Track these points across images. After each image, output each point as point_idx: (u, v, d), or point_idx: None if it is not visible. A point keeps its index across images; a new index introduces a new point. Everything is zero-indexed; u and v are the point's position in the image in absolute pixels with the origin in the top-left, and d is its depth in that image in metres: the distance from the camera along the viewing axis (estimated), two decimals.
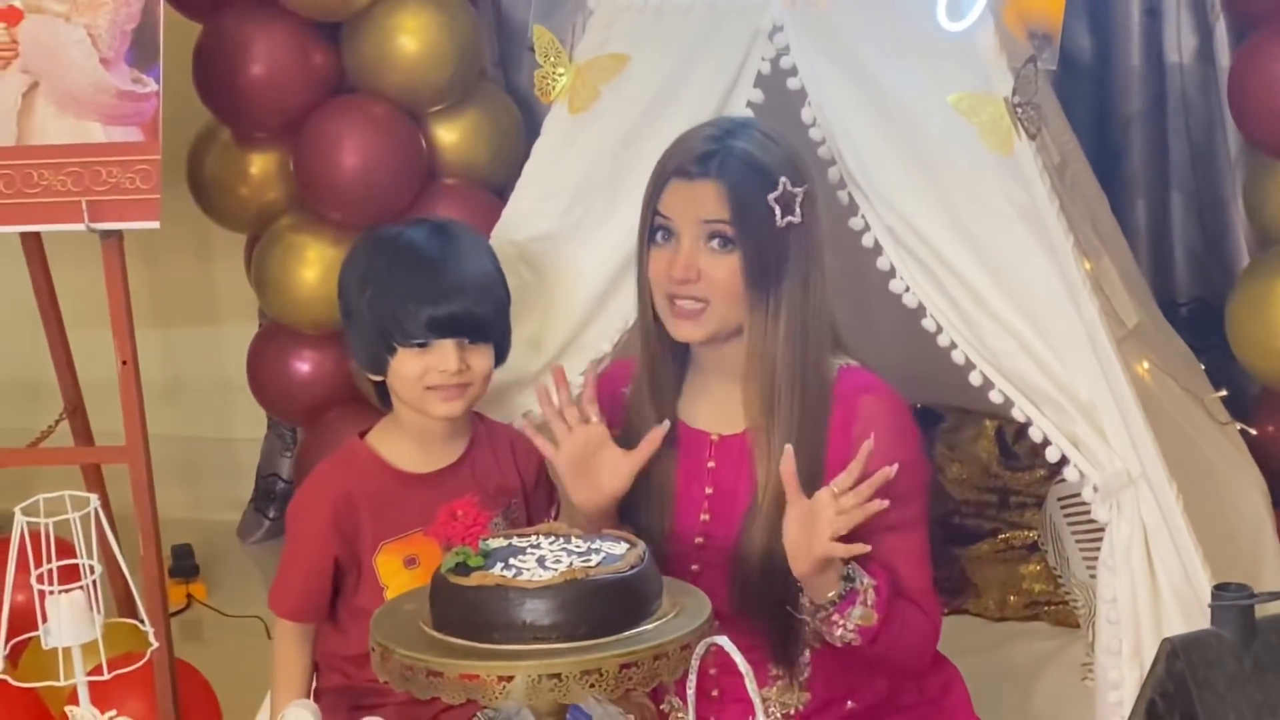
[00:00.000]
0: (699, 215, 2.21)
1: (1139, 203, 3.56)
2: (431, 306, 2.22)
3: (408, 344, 2.23)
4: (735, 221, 2.19)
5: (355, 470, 2.30)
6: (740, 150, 2.22)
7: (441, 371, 2.23)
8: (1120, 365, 2.31)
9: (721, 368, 2.28)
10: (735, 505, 2.26)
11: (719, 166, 2.20)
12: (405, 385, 2.25)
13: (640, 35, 2.52)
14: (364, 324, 2.26)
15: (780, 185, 2.19)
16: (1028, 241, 2.33)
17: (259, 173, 3.54)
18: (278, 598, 2.32)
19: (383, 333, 2.23)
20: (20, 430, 3.37)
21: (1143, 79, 3.50)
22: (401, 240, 2.28)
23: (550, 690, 1.77)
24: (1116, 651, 2.30)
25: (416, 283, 2.23)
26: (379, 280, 2.25)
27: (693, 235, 2.21)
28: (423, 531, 2.26)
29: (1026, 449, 3.17)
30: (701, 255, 2.21)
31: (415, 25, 3.41)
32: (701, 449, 2.30)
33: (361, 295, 2.26)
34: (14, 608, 2.02)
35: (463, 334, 2.24)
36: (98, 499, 1.98)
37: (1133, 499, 2.29)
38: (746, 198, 2.19)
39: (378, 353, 2.25)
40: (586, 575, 1.83)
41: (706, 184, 2.20)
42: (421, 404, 2.25)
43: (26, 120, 2.67)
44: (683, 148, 2.26)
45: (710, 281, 2.21)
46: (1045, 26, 2.30)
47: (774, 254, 2.20)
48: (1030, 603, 3.16)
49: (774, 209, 2.19)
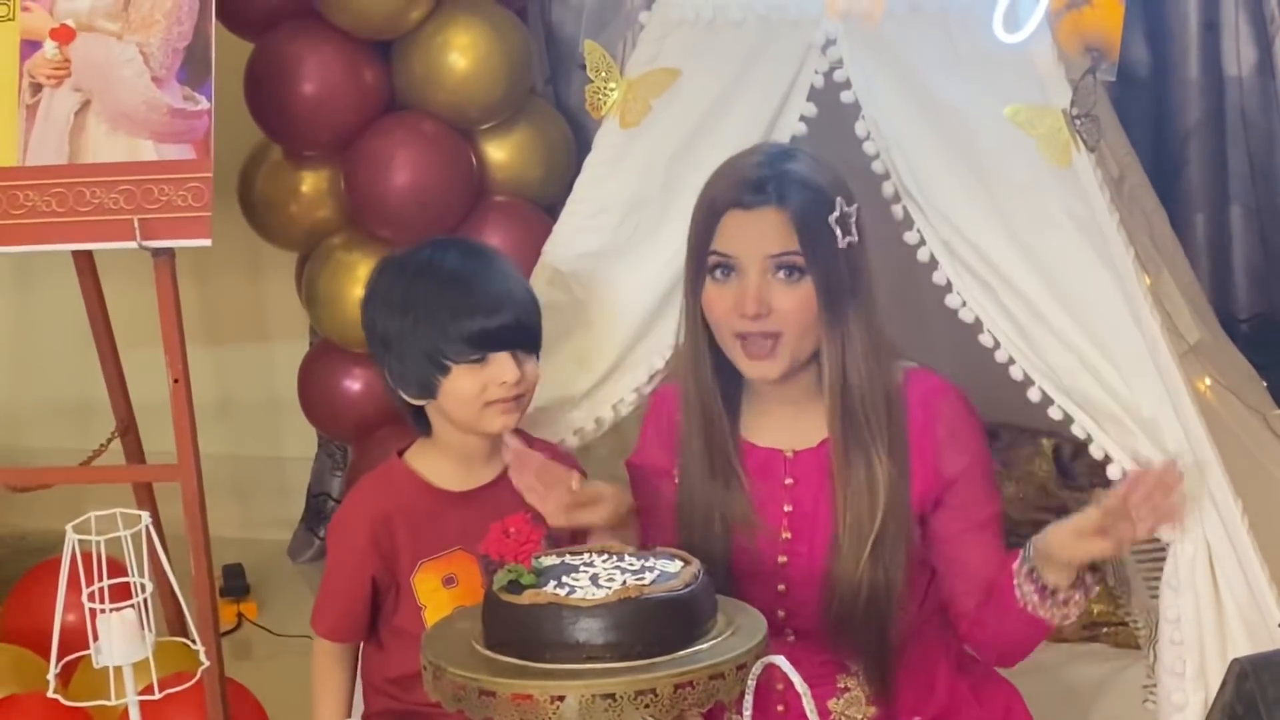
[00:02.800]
0: (764, 249, 2.16)
1: (1198, 217, 3.51)
2: (484, 319, 2.21)
3: (464, 360, 2.21)
4: (805, 248, 2.15)
5: (394, 489, 2.29)
6: (796, 174, 2.18)
7: (501, 384, 2.22)
8: (1183, 381, 2.27)
9: (785, 395, 2.24)
10: (817, 522, 2.23)
11: (778, 193, 2.16)
12: (462, 404, 2.23)
13: (692, 49, 2.51)
14: (410, 349, 2.24)
15: (837, 206, 2.16)
16: (1087, 255, 2.30)
17: (310, 191, 3.54)
18: (319, 616, 2.32)
19: (434, 354, 2.22)
20: (72, 451, 3.38)
21: (1201, 92, 3.46)
22: (434, 262, 2.27)
23: (604, 711, 1.75)
24: (1180, 673, 2.25)
25: (464, 299, 2.22)
26: (423, 302, 2.23)
27: (759, 269, 2.16)
28: (462, 549, 2.25)
29: (1085, 468, 3.12)
30: (771, 288, 2.16)
31: (465, 43, 3.41)
32: (776, 467, 2.26)
33: (404, 321, 2.24)
34: (64, 627, 2.01)
35: (516, 345, 2.23)
36: (149, 516, 1.98)
37: (1196, 517, 2.25)
38: (812, 223, 2.15)
39: (428, 376, 2.23)
40: (641, 594, 1.81)
41: (768, 212, 2.16)
42: (479, 421, 2.24)
43: (79, 138, 2.67)
44: (733, 177, 2.21)
45: (781, 314, 2.16)
46: (1103, 43, 2.27)
47: (841, 275, 2.17)
48: (1089, 624, 3.12)
49: (835, 231, 2.16)
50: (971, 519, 2.16)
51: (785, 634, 2.22)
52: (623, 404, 2.55)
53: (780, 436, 2.27)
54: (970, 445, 2.22)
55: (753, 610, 1.94)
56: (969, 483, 2.21)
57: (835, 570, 2.19)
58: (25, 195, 2.66)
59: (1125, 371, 2.29)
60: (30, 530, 3.92)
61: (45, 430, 4.21)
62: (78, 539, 1.96)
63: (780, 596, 2.20)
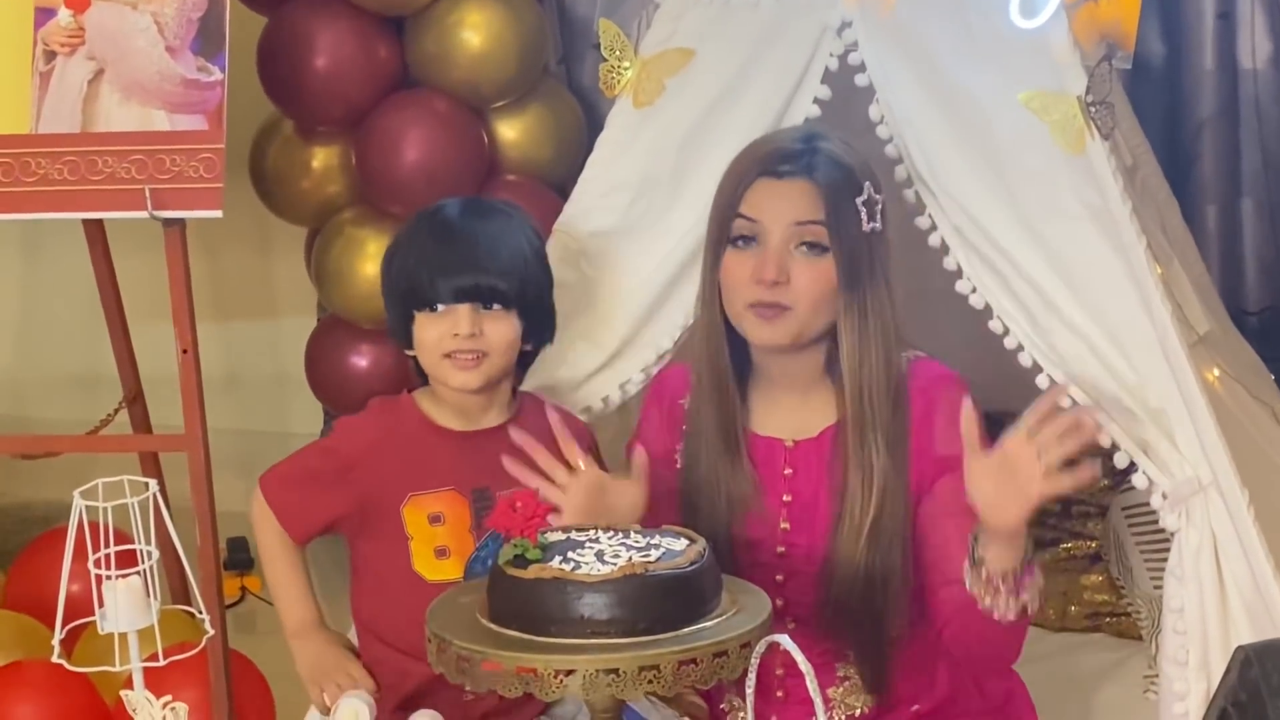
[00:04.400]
0: (791, 217, 2.16)
1: (1210, 209, 3.51)
2: (448, 275, 2.25)
3: (423, 309, 2.26)
4: (830, 222, 2.15)
5: (397, 418, 2.34)
6: (829, 151, 2.19)
7: (455, 335, 2.25)
8: (1192, 371, 2.26)
9: (792, 376, 2.24)
10: (816, 512, 2.23)
11: (810, 165, 2.17)
12: (425, 353, 2.29)
13: (707, 29, 2.50)
14: (390, 292, 2.32)
15: (865, 190, 2.17)
16: (1099, 243, 2.29)
17: (321, 166, 3.54)
18: (273, 476, 2.34)
19: (404, 298, 2.29)
20: (79, 422, 3.38)
21: (1215, 84, 3.45)
22: (437, 214, 2.32)
23: (607, 686, 1.75)
24: (1183, 662, 2.25)
25: (438, 251, 2.27)
26: (406, 248, 2.31)
27: (782, 237, 2.17)
28: (454, 489, 2.29)
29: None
30: (791, 259, 2.16)
31: (479, 20, 3.41)
32: (776, 456, 2.25)
33: (390, 265, 2.32)
34: (69, 596, 2.01)
35: (479, 299, 2.26)
36: (156, 484, 1.97)
37: (1202, 507, 2.24)
38: (840, 199, 2.16)
39: (401, 321, 2.30)
40: (646, 570, 1.81)
41: (799, 183, 2.17)
42: (439, 373, 2.28)
43: (91, 107, 2.67)
44: (767, 148, 2.22)
45: (797, 288, 2.16)
46: (1119, 34, 2.27)
47: (862, 258, 2.17)
48: (1091, 613, 3.12)
49: (861, 212, 2.16)
50: (956, 504, 2.11)
51: (785, 622, 2.21)
52: (630, 384, 2.55)
53: (782, 426, 2.26)
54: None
55: (757, 590, 1.93)
56: (959, 470, 2.15)
57: (834, 556, 2.18)
58: (37, 163, 2.65)
59: (1134, 360, 2.28)
60: (35, 501, 3.93)
61: (52, 401, 4.21)
62: (85, 505, 1.96)
63: (779, 586, 2.20)
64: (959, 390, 2.20)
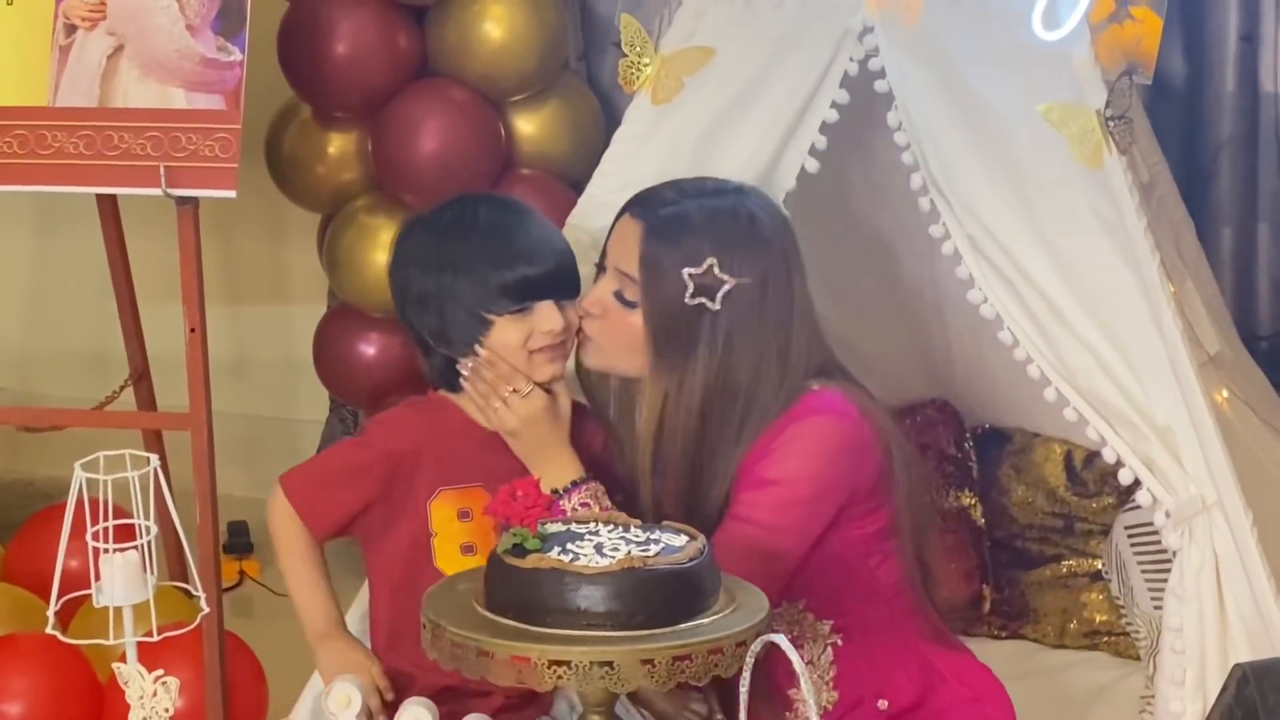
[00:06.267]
0: (618, 263, 2.24)
1: (1225, 231, 3.49)
2: (526, 268, 2.23)
3: (507, 312, 2.23)
4: (641, 277, 2.19)
5: (437, 414, 2.31)
6: (688, 213, 2.22)
7: (547, 332, 2.24)
8: (1200, 390, 2.26)
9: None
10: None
11: (651, 217, 2.22)
12: (508, 355, 2.24)
13: (728, 29, 2.50)
14: (450, 306, 2.24)
15: (705, 264, 2.17)
16: (1112, 257, 2.29)
17: (337, 152, 3.53)
18: (297, 474, 2.33)
19: (476, 308, 2.23)
20: (85, 400, 3.38)
21: (1236, 106, 3.43)
22: (466, 217, 2.29)
23: (601, 678, 1.75)
24: (1180, 682, 2.25)
25: (504, 250, 2.24)
26: (461, 258, 2.24)
27: (609, 280, 2.25)
28: (483, 487, 2.25)
29: (1095, 476, 3.11)
30: (609, 300, 2.24)
31: (501, 13, 3.40)
32: None
33: (441, 278, 2.25)
34: (67, 572, 2.01)
35: (558, 293, 2.26)
36: (158, 459, 1.97)
37: (1205, 526, 2.24)
38: (657, 260, 2.19)
39: (470, 331, 2.24)
40: (644, 564, 1.81)
41: (634, 227, 2.22)
42: (529, 370, 2.25)
43: (110, 83, 2.67)
44: (661, 188, 2.29)
45: (607, 326, 2.24)
46: (1141, 56, 2.27)
47: (675, 327, 2.19)
48: (1090, 632, 3.11)
49: (686, 283, 2.17)
50: (736, 509, 2.17)
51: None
52: None
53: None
54: (791, 466, 2.19)
55: (756, 590, 1.93)
56: (761, 486, 2.19)
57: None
58: (53, 136, 2.65)
59: (1143, 377, 2.28)
60: (38, 477, 3.93)
61: (59, 378, 4.21)
62: (85, 477, 1.96)
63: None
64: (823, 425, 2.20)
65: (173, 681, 1.91)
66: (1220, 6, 3.41)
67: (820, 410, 2.22)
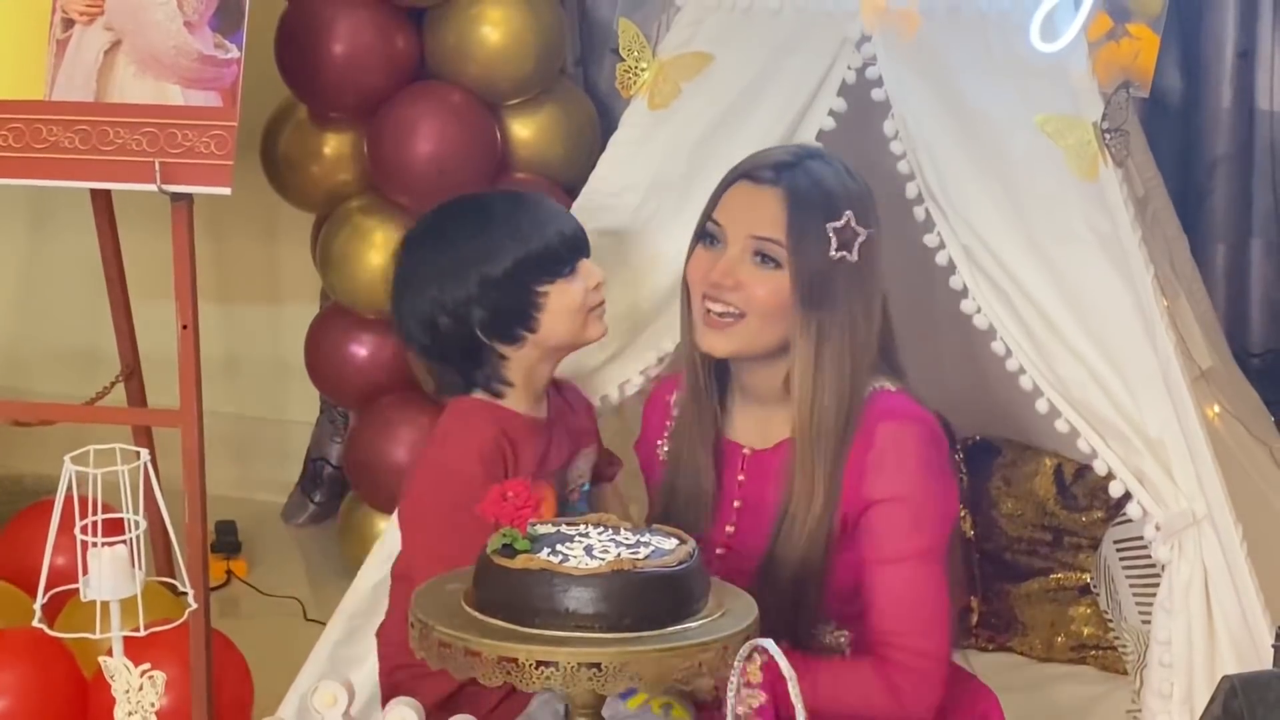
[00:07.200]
0: (750, 229, 2.18)
1: (1219, 247, 3.50)
2: (560, 228, 2.25)
3: (559, 275, 2.24)
4: (791, 238, 2.16)
5: (495, 415, 2.25)
6: (815, 172, 2.19)
7: (595, 287, 2.26)
8: (1192, 404, 2.26)
9: (755, 386, 2.25)
10: (760, 519, 2.23)
11: (789, 179, 2.18)
12: (569, 318, 2.24)
13: (726, 35, 2.50)
14: (498, 296, 2.22)
15: (845, 218, 2.16)
16: (1106, 270, 2.29)
17: (332, 153, 3.53)
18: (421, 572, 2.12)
19: (529, 284, 2.22)
20: (76, 398, 3.37)
21: (1231, 123, 3.44)
22: (476, 215, 2.27)
23: (588, 680, 1.74)
24: (1167, 695, 2.25)
25: (534, 222, 2.25)
26: (495, 247, 2.22)
27: (741, 246, 2.18)
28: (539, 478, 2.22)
29: (1085, 490, 3.12)
30: (742, 266, 2.18)
31: (499, 16, 3.40)
32: (734, 462, 2.27)
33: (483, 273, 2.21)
34: (55, 568, 2.00)
35: (586, 249, 2.29)
36: (148, 454, 1.97)
37: (1195, 540, 2.24)
38: (807, 218, 2.16)
39: (525, 310, 2.22)
40: (634, 567, 1.80)
41: (771, 192, 2.18)
42: (584, 331, 2.27)
43: (106, 78, 2.66)
44: (760, 156, 2.24)
45: (749, 295, 2.17)
46: (1138, 73, 2.27)
47: (823, 283, 2.16)
48: (1078, 645, 3.11)
49: (830, 238, 2.16)
50: (881, 551, 2.14)
51: None
52: (629, 384, 2.55)
53: (745, 433, 2.28)
54: (899, 478, 2.16)
55: (745, 595, 1.93)
56: (886, 515, 2.16)
57: (771, 557, 2.19)
58: (49, 130, 2.65)
59: (1135, 389, 2.28)
60: (27, 474, 3.92)
61: (50, 375, 4.20)
62: (75, 470, 1.95)
63: None
64: (908, 429, 2.18)
65: (159, 676, 1.90)
66: (1217, 23, 3.42)
67: (898, 417, 2.20)
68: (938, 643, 2.16)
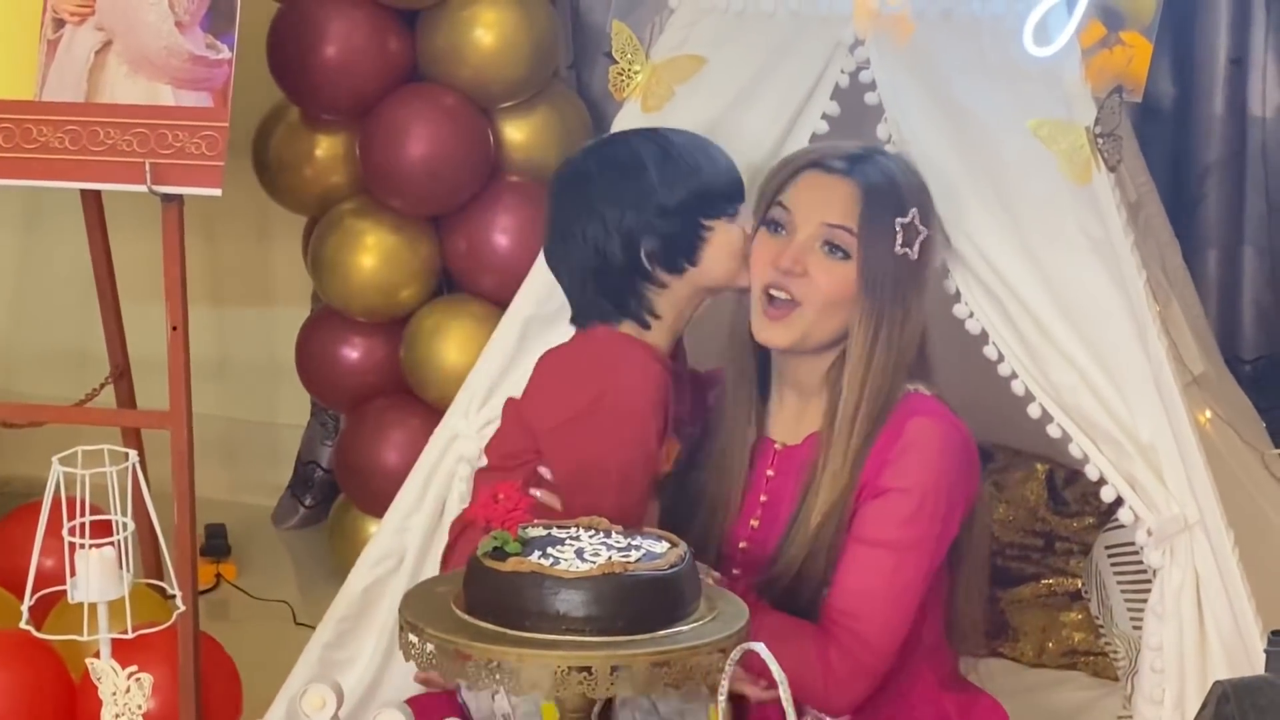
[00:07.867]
0: (823, 215, 2.20)
1: (1211, 253, 3.51)
2: (733, 171, 2.28)
3: (724, 214, 2.26)
4: (861, 230, 2.18)
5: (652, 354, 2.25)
6: (885, 165, 2.24)
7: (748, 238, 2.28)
8: (1184, 409, 2.26)
9: (798, 380, 2.26)
10: (782, 513, 2.24)
11: (862, 170, 2.21)
12: (727, 258, 2.25)
13: (719, 38, 2.50)
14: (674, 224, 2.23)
15: (910, 214, 2.20)
16: (1099, 275, 2.29)
17: (324, 155, 3.53)
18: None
19: (700, 216, 2.24)
20: (65, 399, 3.36)
21: (1224, 129, 3.45)
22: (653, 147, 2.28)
23: (579, 683, 1.74)
24: (1159, 701, 2.25)
25: (712, 159, 2.29)
26: (675, 176, 2.25)
27: (809, 233, 2.20)
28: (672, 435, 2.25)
29: (1076, 495, 3.12)
30: (811, 254, 2.20)
31: (493, 19, 3.40)
32: (765, 457, 2.28)
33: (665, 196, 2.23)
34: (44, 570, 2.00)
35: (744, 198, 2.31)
36: (136, 454, 1.96)
37: (1186, 545, 2.24)
38: (878, 210, 2.19)
39: (692, 243, 2.24)
40: (625, 570, 1.80)
41: (843, 181, 2.21)
42: (737, 276, 2.27)
43: (97, 78, 2.66)
44: (825, 147, 2.28)
45: (813, 283, 2.19)
46: (1131, 80, 2.28)
47: (886, 276, 2.18)
48: (1068, 651, 3.11)
49: (897, 233, 2.18)
50: (864, 531, 2.15)
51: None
52: None
53: (779, 428, 2.29)
54: (915, 471, 2.17)
55: (735, 598, 1.93)
56: (887, 501, 2.17)
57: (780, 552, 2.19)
58: (39, 130, 2.65)
59: (1127, 394, 2.28)
60: (14, 476, 3.91)
61: (39, 376, 4.19)
62: (63, 471, 1.94)
63: (733, 579, 2.19)
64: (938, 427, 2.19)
65: (146, 678, 1.90)
66: (1210, 30, 3.43)
67: (930, 416, 2.21)
68: (885, 639, 2.15)
